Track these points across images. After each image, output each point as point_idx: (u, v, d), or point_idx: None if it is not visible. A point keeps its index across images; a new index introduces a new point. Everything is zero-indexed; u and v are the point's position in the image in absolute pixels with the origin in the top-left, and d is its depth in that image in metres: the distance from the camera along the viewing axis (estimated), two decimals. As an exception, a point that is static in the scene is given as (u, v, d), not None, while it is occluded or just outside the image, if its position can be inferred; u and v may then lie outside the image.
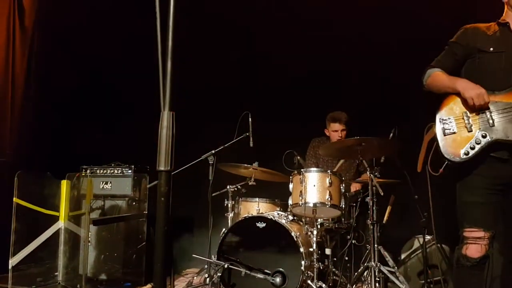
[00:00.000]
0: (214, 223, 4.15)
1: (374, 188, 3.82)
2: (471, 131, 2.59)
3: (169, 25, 1.06)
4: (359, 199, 4.18)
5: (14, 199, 3.93)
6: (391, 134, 3.98)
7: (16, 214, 3.93)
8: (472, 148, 2.56)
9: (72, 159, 4.86)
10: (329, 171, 3.92)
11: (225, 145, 4.25)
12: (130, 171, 4.68)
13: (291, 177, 4.02)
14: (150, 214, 4.70)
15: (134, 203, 4.81)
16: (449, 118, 2.67)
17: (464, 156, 2.57)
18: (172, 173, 3.91)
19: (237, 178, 4.42)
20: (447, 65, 2.81)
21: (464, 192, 2.67)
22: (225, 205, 4.29)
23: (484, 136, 2.55)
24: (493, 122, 2.55)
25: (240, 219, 3.94)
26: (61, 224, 4.39)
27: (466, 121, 2.62)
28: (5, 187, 4.28)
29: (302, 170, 3.94)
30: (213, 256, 3.81)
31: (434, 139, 2.69)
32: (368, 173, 3.80)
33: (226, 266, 3.67)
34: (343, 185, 3.98)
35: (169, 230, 1.06)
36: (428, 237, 4.29)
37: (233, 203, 4.29)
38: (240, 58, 5.41)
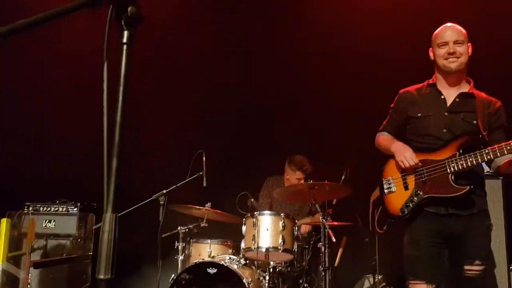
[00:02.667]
0: (164, 266, 4.02)
1: (326, 231, 3.82)
2: (408, 189, 2.75)
3: (116, 121, 1.00)
4: (312, 242, 4.17)
5: None
6: (343, 177, 4.02)
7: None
8: (408, 205, 2.72)
9: (15, 195, 4.60)
10: (282, 214, 3.90)
11: (177, 185, 4.14)
12: (75, 209, 4.47)
13: (244, 219, 3.96)
14: (95, 254, 4.49)
15: (79, 240, 4.60)
16: (390, 179, 2.85)
17: (401, 213, 2.73)
18: (122, 213, 3.76)
19: (189, 219, 4.31)
20: (392, 129, 3.01)
21: (408, 245, 2.77)
22: (175, 247, 4.15)
23: (418, 193, 2.70)
24: (425, 179, 2.69)
25: (190, 264, 3.83)
26: (-2, 265, 4.12)
27: (403, 181, 2.79)
28: None
29: (255, 213, 3.90)
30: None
31: (379, 198, 2.87)
32: (320, 217, 3.80)
33: (174, 314, 3.55)
34: (296, 227, 3.97)
35: None
36: (379, 277, 4.36)
37: (184, 245, 4.16)
38: (195, 97, 5.34)
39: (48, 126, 5.20)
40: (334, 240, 3.65)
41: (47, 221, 4.43)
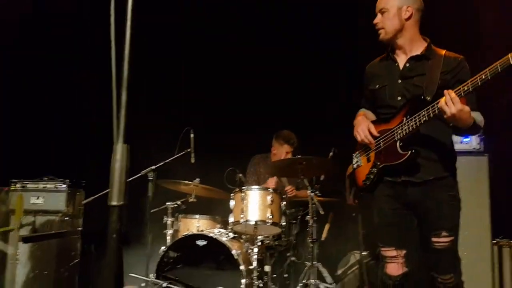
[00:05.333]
0: (153, 241, 4.04)
1: (314, 206, 3.89)
2: (370, 161, 2.78)
3: (124, 55, 1.03)
4: (299, 217, 4.25)
5: None
6: (331, 154, 4.08)
7: None
8: (369, 177, 2.74)
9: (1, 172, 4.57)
10: (270, 189, 3.95)
11: (166, 161, 4.16)
12: (64, 185, 4.47)
13: (232, 194, 4.00)
14: (84, 231, 4.51)
15: (67, 218, 4.60)
16: (357, 153, 2.90)
17: (364, 185, 2.77)
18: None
19: (177, 195, 4.34)
20: (367, 104, 2.99)
21: (375, 214, 2.78)
22: (164, 222, 4.18)
23: (376, 164, 2.71)
24: (381, 149, 2.69)
25: (180, 237, 3.87)
26: (-14, 241, 4.12)
27: (367, 153, 2.81)
28: None
29: (243, 187, 3.95)
30: (151, 275, 3.71)
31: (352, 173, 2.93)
32: (308, 191, 3.87)
33: (164, 285, 3.59)
34: (284, 202, 4.03)
35: (121, 273, 1.01)
36: (364, 253, 4.44)
37: (173, 220, 4.19)
38: (184, 72, 5.34)
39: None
40: (322, 212, 3.72)
41: (35, 197, 4.42)
